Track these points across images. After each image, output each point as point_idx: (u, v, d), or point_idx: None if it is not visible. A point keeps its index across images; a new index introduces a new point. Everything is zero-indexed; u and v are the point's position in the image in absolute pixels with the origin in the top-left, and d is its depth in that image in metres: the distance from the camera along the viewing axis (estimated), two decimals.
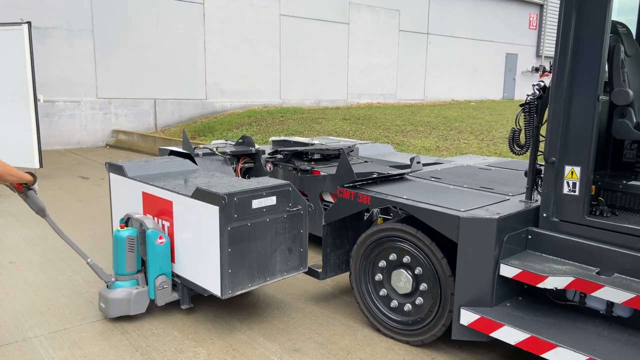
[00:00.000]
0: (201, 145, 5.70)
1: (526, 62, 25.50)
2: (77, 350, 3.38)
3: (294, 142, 5.55)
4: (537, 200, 3.39)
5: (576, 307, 3.12)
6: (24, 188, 3.30)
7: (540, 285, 2.91)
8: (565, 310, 3.12)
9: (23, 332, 3.60)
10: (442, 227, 3.21)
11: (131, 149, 12.86)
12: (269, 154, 5.42)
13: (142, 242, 3.72)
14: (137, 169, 4.24)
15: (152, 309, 3.94)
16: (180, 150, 5.49)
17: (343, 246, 4.09)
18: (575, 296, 3.12)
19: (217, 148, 5.39)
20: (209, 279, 3.49)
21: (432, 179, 4.17)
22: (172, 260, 3.81)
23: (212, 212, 3.37)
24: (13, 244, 5.55)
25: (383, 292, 3.65)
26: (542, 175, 3.29)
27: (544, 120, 3.29)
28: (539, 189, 3.37)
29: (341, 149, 4.88)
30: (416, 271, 3.43)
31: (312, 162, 5.10)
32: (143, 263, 3.80)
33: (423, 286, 3.40)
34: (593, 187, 3.13)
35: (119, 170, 4.28)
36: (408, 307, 3.50)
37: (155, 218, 3.91)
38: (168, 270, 3.79)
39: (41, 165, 8.93)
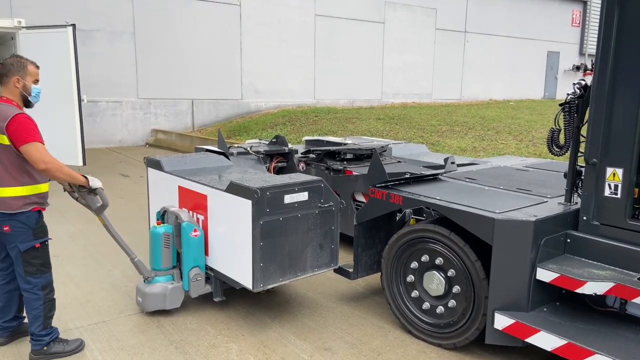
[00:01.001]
0: (236, 145, 5.78)
1: (569, 60, 24.68)
2: (115, 342, 3.49)
3: (327, 141, 5.57)
4: (576, 203, 3.29)
5: (616, 313, 3.01)
6: (81, 187, 3.36)
7: (579, 290, 2.82)
8: (605, 316, 3.01)
9: (64, 324, 3.74)
10: (476, 228, 3.15)
11: (169, 147, 13.17)
12: (301, 154, 5.45)
13: (178, 235, 3.80)
14: (174, 164, 4.35)
15: (186, 304, 4.03)
16: (216, 149, 5.59)
17: (375, 246, 4.07)
18: (615, 302, 3.01)
19: (251, 147, 5.46)
20: (241, 272, 3.54)
21: (467, 180, 4.10)
22: (206, 253, 3.87)
23: (245, 206, 3.42)
24: (57, 238, 5.77)
25: (415, 293, 3.61)
26: (582, 177, 3.19)
27: (584, 120, 3.18)
28: (579, 191, 3.27)
29: (373, 148, 4.86)
30: (449, 273, 3.38)
31: (345, 162, 5.09)
32: (178, 259, 3.89)
33: (456, 289, 3.34)
34: (636, 189, 3.00)
35: (156, 165, 4.41)
36: (440, 309, 3.45)
37: (190, 211, 4.00)
38: (202, 263, 3.85)
39: (84, 163, 9.25)
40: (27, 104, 3.22)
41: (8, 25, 9.19)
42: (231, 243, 3.65)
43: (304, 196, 3.58)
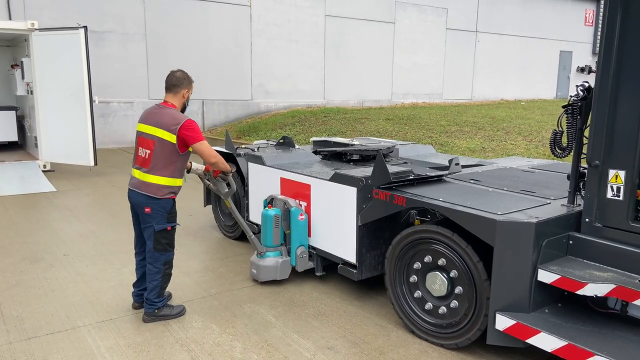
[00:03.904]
0: (243, 145, 5.84)
1: (582, 59, 24.42)
2: (121, 339, 3.56)
3: (334, 142, 5.60)
4: (579, 205, 3.29)
5: (617, 315, 3.01)
6: (220, 174, 4.13)
7: (580, 292, 2.82)
8: (606, 318, 3.01)
9: (73, 321, 3.82)
10: (478, 230, 3.16)
11: None
12: None
13: (285, 218, 4.42)
14: (273, 159, 5.03)
15: (192, 303, 4.09)
16: (223, 150, 5.65)
17: (379, 247, 4.10)
18: (616, 304, 3.01)
19: (258, 148, 5.51)
20: (346, 250, 4.10)
21: (471, 181, 4.11)
22: (309, 234, 4.45)
23: (350, 193, 3.97)
24: (68, 237, 5.88)
25: (418, 294, 3.63)
26: (585, 179, 3.19)
27: (587, 123, 3.18)
28: (582, 193, 3.27)
29: (378, 149, 4.88)
30: (451, 274, 3.39)
31: (351, 163, 5.12)
32: (284, 238, 4.46)
33: (458, 289, 3.36)
34: (638, 191, 3.00)
35: (257, 159, 5.07)
36: (443, 309, 3.47)
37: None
38: (306, 243, 4.44)
39: (96, 163, 9.38)
40: (183, 110, 3.89)
41: (22, 27, 9.36)
42: (335, 225, 4.17)
43: None
